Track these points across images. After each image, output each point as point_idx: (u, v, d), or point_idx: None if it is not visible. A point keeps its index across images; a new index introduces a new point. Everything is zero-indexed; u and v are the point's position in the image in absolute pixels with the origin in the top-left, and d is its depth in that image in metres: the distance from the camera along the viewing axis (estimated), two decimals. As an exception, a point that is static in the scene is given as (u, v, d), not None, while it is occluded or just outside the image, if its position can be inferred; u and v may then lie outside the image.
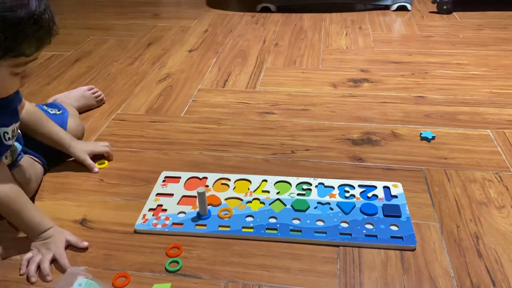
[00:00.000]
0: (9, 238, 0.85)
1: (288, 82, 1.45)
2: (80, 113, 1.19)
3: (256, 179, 0.98)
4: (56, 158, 1.06)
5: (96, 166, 1.04)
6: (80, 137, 1.12)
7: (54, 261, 0.79)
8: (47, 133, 1.00)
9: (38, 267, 0.77)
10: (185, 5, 2.39)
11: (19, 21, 0.67)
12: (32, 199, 0.94)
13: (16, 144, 0.93)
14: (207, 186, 0.97)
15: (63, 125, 1.06)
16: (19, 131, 0.93)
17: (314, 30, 1.93)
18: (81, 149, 1.03)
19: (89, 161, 1.03)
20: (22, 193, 0.81)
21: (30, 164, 0.96)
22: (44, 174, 1.03)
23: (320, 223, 0.85)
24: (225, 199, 0.93)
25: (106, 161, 1.06)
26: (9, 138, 0.85)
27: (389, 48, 1.71)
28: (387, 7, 2.17)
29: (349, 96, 1.35)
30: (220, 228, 0.85)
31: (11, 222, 0.84)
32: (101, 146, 1.07)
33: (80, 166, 1.06)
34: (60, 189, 0.99)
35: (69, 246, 0.82)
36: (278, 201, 0.92)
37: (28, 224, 0.80)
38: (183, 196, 0.94)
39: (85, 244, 0.82)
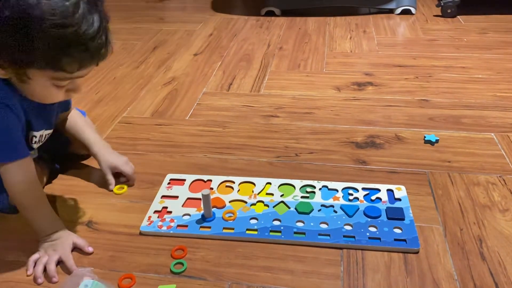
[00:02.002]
0: (15, 239, 0.86)
1: (292, 86, 1.46)
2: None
3: (260, 181, 0.99)
4: (62, 160, 1.08)
5: (113, 184, 0.98)
6: None
7: (60, 262, 0.80)
8: (82, 141, 1.00)
9: (45, 268, 0.78)
10: (190, 9, 2.41)
11: (63, 38, 0.66)
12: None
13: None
14: (211, 188, 0.97)
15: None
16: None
17: (318, 34, 1.94)
18: (106, 161, 0.99)
19: (109, 177, 0.98)
20: (41, 190, 0.83)
21: (37, 170, 0.96)
22: (56, 177, 1.04)
23: (323, 226, 0.86)
24: (230, 202, 0.93)
25: (125, 187, 0.99)
26: (35, 142, 0.87)
27: (393, 52, 1.72)
28: (391, 11, 2.18)
29: (353, 99, 1.36)
30: (224, 230, 0.86)
31: (26, 218, 0.85)
32: (127, 166, 1.00)
33: (86, 169, 1.07)
34: (67, 191, 0.99)
35: (75, 248, 0.83)
36: (282, 204, 0.92)
37: (39, 222, 0.82)
38: (188, 198, 0.95)
39: (91, 249, 0.83)
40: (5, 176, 0.79)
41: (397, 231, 0.84)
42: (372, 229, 0.85)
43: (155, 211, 0.91)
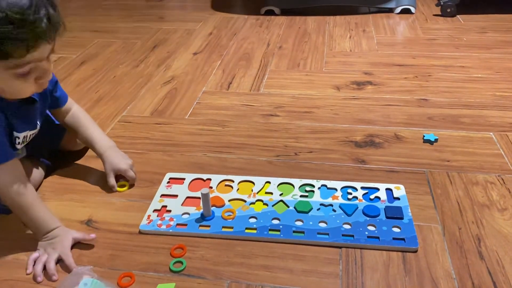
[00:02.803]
0: (15, 238, 0.87)
1: (291, 85, 1.46)
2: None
3: (259, 180, 0.99)
4: (62, 159, 1.08)
5: (115, 187, 0.98)
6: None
7: (60, 261, 0.80)
8: (85, 139, 1.01)
9: (45, 267, 0.78)
10: (190, 8, 2.41)
11: None
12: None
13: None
14: (211, 187, 0.98)
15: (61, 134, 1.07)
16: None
17: (318, 33, 1.94)
18: (111, 164, 0.98)
19: (112, 181, 0.97)
20: (32, 191, 0.82)
21: (29, 169, 0.97)
22: (49, 175, 1.04)
23: (322, 225, 0.86)
24: (229, 201, 0.93)
25: (127, 184, 0.99)
26: (18, 143, 0.87)
27: (392, 51, 1.72)
28: (391, 10, 2.18)
29: (353, 98, 1.36)
30: (223, 229, 0.86)
31: (21, 219, 0.85)
32: (131, 172, 0.98)
33: (86, 168, 1.07)
34: (66, 190, 1.00)
35: (77, 243, 0.83)
36: (281, 203, 0.92)
37: (35, 222, 0.82)
38: (187, 197, 0.95)
39: (93, 236, 0.83)
40: None
41: (396, 230, 0.84)
42: (371, 228, 0.85)
43: (155, 210, 0.91)
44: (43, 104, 0.92)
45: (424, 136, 1.14)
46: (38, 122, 0.92)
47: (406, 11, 2.16)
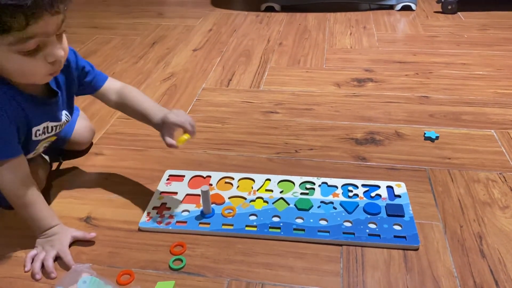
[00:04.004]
0: (13, 235, 0.86)
1: (292, 82, 1.46)
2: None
3: (259, 178, 0.98)
4: (61, 155, 1.07)
5: (174, 144, 0.84)
6: (88, 137, 1.11)
7: (58, 258, 0.79)
8: (138, 116, 0.93)
9: (43, 264, 0.78)
10: (190, 4, 2.40)
11: None
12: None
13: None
14: (211, 184, 0.97)
15: (72, 123, 1.06)
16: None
17: (319, 30, 1.93)
18: (166, 124, 0.86)
19: (168, 140, 0.85)
20: (34, 188, 0.81)
21: (38, 166, 0.96)
22: (57, 171, 1.04)
23: (323, 222, 0.86)
24: (229, 198, 0.93)
25: (185, 137, 0.84)
26: (39, 135, 0.85)
27: (393, 48, 1.71)
28: (391, 7, 2.17)
29: (353, 95, 1.35)
30: (223, 227, 0.86)
31: (21, 216, 0.84)
32: (187, 123, 0.85)
33: (85, 164, 1.06)
34: (65, 187, 0.99)
35: (76, 241, 0.83)
36: (281, 200, 0.92)
37: (34, 220, 0.81)
38: (187, 194, 0.95)
39: (93, 234, 0.82)
40: None
41: (397, 228, 0.84)
42: (372, 225, 0.85)
43: (154, 207, 0.91)
44: (67, 94, 0.88)
45: (425, 133, 1.13)
46: (62, 114, 0.89)
47: (407, 8, 2.15)
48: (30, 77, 0.75)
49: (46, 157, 1.02)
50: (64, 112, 0.90)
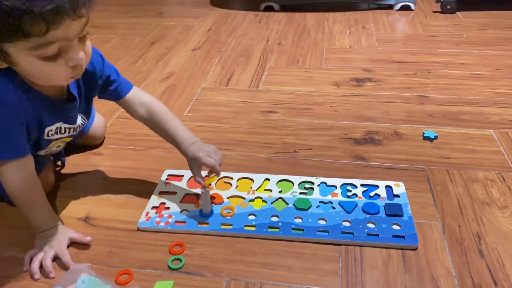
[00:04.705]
0: (12, 235, 0.86)
1: (291, 81, 1.46)
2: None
3: (258, 177, 0.98)
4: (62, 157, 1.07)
5: (202, 182, 0.87)
6: (103, 132, 1.14)
7: (57, 258, 0.79)
8: (165, 136, 0.92)
9: (42, 264, 0.78)
10: (189, 4, 2.40)
11: None
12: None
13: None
14: (210, 184, 0.97)
15: (92, 118, 1.06)
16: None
17: (318, 29, 1.93)
18: (193, 160, 0.88)
19: (197, 178, 0.88)
20: (37, 187, 0.81)
21: (52, 162, 0.96)
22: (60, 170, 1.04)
23: (322, 222, 0.86)
24: (228, 198, 0.93)
25: (214, 177, 0.89)
26: (51, 134, 0.84)
27: (392, 48, 1.71)
28: (390, 7, 2.17)
29: (352, 95, 1.35)
30: (222, 226, 0.86)
31: (22, 214, 0.84)
32: (208, 159, 0.86)
33: (83, 164, 1.06)
34: (64, 187, 0.99)
35: (73, 243, 0.83)
36: (280, 200, 0.92)
37: (34, 219, 0.81)
38: (186, 194, 0.95)
39: (89, 238, 0.82)
40: (0, 175, 0.78)
41: (396, 227, 0.84)
42: (371, 225, 0.85)
43: (153, 207, 0.91)
44: (86, 99, 0.88)
45: (424, 133, 1.13)
46: (78, 118, 0.88)
47: (406, 8, 2.15)
48: (51, 81, 0.74)
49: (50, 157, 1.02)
50: (80, 116, 0.89)
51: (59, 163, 1.06)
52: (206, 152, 0.87)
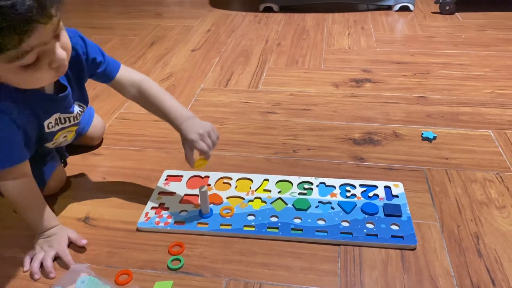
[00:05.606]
0: (12, 235, 0.86)
1: (290, 82, 1.46)
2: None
3: (257, 178, 0.98)
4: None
5: (191, 163, 0.87)
6: (102, 133, 1.14)
7: (57, 258, 0.80)
8: (159, 113, 0.90)
9: (42, 264, 0.78)
10: (188, 5, 2.40)
11: None
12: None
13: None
14: (209, 184, 0.97)
15: (90, 118, 1.07)
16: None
17: (317, 30, 1.93)
18: (184, 137, 0.86)
19: (187, 156, 0.87)
20: (35, 189, 0.81)
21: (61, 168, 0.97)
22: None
23: (321, 222, 0.86)
24: (227, 198, 0.93)
25: (206, 161, 0.87)
26: (52, 126, 0.84)
27: (391, 48, 1.71)
28: (389, 8, 2.17)
29: (351, 96, 1.36)
30: (221, 227, 0.86)
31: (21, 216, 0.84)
32: (196, 140, 0.84)
33: (83, 164, 1.06)
34: (64, 187, 0.99)
35: (70, 243, 0.83)
36: (279, 200, 0.92)
37: (34, 221, 0.81)
38: (185, 194, 0.95)
39: (84, 242, 0.82)
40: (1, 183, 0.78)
41: (394, 227, 0.84)
42: (370, 225, 0.85)
43: (152, 207, 0.91)
44: (78, 86, 0.87)
45: (422, 133, 1.14)
46: (74, 106, 0.88)
47: (405, 9, 2.15)
48: (38, 85, 0.74)
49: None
50: (76, 103, 0.89)
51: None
52: (199, 135, 0.84)
